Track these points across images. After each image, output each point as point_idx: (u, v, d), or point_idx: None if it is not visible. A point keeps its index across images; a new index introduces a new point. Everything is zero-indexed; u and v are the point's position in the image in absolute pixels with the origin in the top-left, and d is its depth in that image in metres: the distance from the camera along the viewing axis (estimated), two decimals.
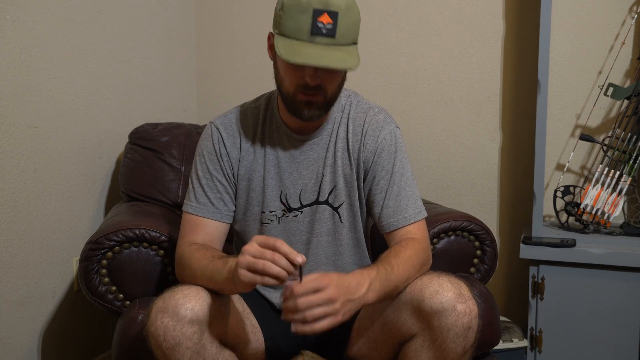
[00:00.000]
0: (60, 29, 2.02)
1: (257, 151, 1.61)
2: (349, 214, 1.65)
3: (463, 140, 2.50)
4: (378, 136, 1.60)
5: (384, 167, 1.60)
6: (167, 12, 2.56)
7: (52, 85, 2.00)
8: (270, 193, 1.61)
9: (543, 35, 2.16)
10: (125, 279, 1.71)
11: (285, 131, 1.60)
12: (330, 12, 1.39)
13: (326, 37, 1.40)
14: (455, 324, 1.38)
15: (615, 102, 2.31)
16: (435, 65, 2.51)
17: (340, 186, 1.62)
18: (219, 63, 2.73)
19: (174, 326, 1.34)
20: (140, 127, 2.20)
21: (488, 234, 1.93)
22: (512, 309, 2.49)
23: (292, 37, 1.40)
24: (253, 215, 1.63)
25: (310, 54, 1.38)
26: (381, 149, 1.60)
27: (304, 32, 1.39)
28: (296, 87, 1.46)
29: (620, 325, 2.12)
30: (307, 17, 1.39)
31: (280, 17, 1.43)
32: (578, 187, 2.31)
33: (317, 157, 1.61)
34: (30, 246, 1.95)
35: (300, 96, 1.47)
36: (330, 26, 1.39)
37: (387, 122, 1.63)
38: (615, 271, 2.11)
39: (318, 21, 1.38)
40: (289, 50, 1.39)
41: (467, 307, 1.39)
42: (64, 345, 2.12)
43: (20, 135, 1.89)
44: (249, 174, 1.61)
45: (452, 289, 1.40)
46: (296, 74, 1.45)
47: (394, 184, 1.60)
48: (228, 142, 1.60)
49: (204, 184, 1.60)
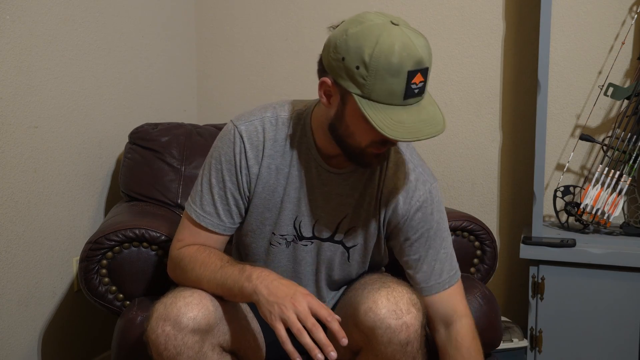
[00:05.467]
0: (60, 29, 2.02)
1: (281, 170, 1.49)
2: (359, 255, 1.58)
3: (463, 140, 2.50)
4: (412, 198, 1.50)
5: (418, 230, 1.51)
6: (167, 12, 2.56)
7: (52, 85, 1.99)
8: (285, 217, 1.51)
9: (543, 35, 2.16)
10: (125, 279, 1.71)
11: (315, 157, 1.48)
12: (423, 69, 1.28)
13: (417, 97, 1.30)
14: (391, 341, 1.36)
15: (615, 102, 2.31)
16: (435, 65, 2.49)
17: (359, 229, 1.54)
18: (219, 63, 2.73)
19: (175, 335, 1.33)
20: (140, 127, 2.20)
21: (488, 234, 1.93)
22: (512, 309, 2.48)
23: (382, 102, 1.28)
24: (263, 235, 1.55)
25: (408, 124, 1.28)
26: (415, 213, 1.50)
27: (398, 96, 1.28)
28: (371, 143, 1.36)
29: (620, 325, 2.12)
30: (400, 81, 1.26)
31: (362, 78, 1.27)
32: (578, 187, 2.31)
33: (340, 194, 1.51)
34: (30, 246, 1.95)
35: (372, 150, 1.38)
36: (422, 84, 1.30)
37: (422, 180, 1.52)
38: (615, 271, 2.11)
39: (412, 83, 1.27)
40: (384, 120, 1.27)
41: (402, 322, 1.35)
42: (64, 345, 2.12)
43: (20, 135, 1.89)
44: (267, 193, 1.50)
45: (386, 305, 1.36)
46: (379, 135, 1.31)
47: (429, 247, 1.52)
48: (250, 155, 1.47)
49: (214, 193, 1.49)
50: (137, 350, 1.53)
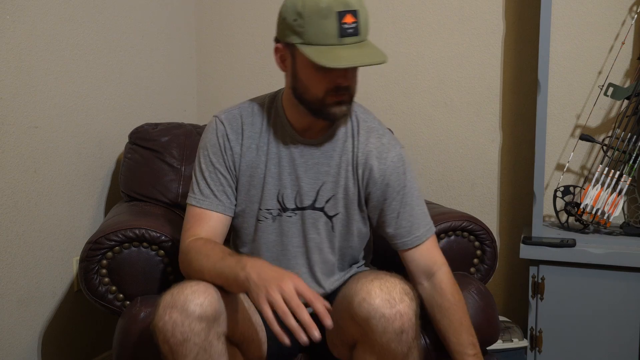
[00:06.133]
0: (60, 29, 2.02)
1: (260, 148, 1.62)
2: (342, 225, 1.66)
3: (463, 140, 2.50)
4: (386, 158, 1.63)
5: (394, 188, 1.63)
6: (167, 12, 2.56)
7: (52, 85, 2.00)
8: (269, 191, 1.62)
9: (543, 35, 2.16)
10: (125, 279, 1.71)
11: (290, 132, 1.61)
12: (352, 11, 1.42)
13: (352, 36, 1.42)
14: (386, 330, 1.38)
15: (615, 102, 2.31)
16: (435, 65, 2.51)
17: (340, 197, 1.64)
18: (219, 63, 2.73)
19: (183, 321, 1.34)
20: (140, 127, 2.20)
21: (488, 234, 1.93)
22: (512, 309, 2.49)
23: (320, 44, 1.42)
24: (251, 212, 1.64)
25: (345, 56, 1.41)
26: (390, 172, 1.62)
27: (333, 36, 1.41)
28: (326, 91, 1.48)
29: (620, 325, 2.12)
30: (332, 21, 1.41)
31: (300, 27, 1.43)
32: (578, 187, 2.31)
33: (317, 163, 1.62)
34: (30, 246, 1.95)
35: (330, 98, 1.49)
36: (354, 25, 1.42)
37: (392, 144, 1.65)
38: (615, 271, 2.11)
39: (343, 23, 1.41)
40: (324, 56, 1.41)
41: (396, 311, 1.38)
42: (64, 345, 2.12)
43: (20, 135, 1.89)
44: (251, 170, 1.62)
45: (379, 295, 1.39)
46: (326, 79, 1.46)
47: (405, 204, 1.63)
48: (232, 137, 1.61)
49: (207, 177, 1.60)
50: (139, 349, 1.53)
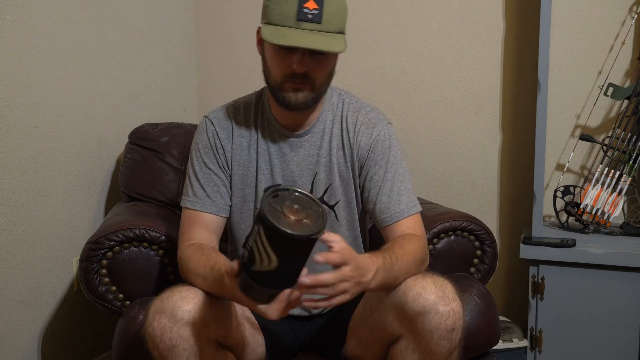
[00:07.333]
0: (60, 29, 2.02)
1: (251, 146, 1.62)
2: (346, 212, 1.66)
3: (463, 140, 2.50)
4: (372, 133, 1.61)
5: (377, 162, 1.60)
6: (167, 12, 2.56)
7: (52, 85, 2.00)
8: (262, 189, 1.60)
9: (543, 35, 2.16)
10: (125, 279, 1.71)
11: (277, 127, 1.61)
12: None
13: (312, 22, 1.41)
14: (438, 327, 1.37)
15: (615, 102, 2.31)
16: (435, 65, 2.51)
17: (336, 184, 1.63)
18: (219, 63, 2.73)
19: (171, 328, 1.34)
20: (140, 127, 2.20)
21: (488, 234, 1.93)
22: (512, 309, 2.49)
23: (278, 24, 1.42)
24: (248, 212, 1.64)
25: (296, 37, 1.40)
26: (374, 145, 1.61)
27: (290, 17, 1.41)
28: (283, 76, 1.48)
29: (621, 325, 2.12)
30: (292, 3, 1.41)
31: (267, 7, 1.45)
32: (578, 187, 2.31)
33: (308, 155, 1.62)
34: (30, 246, 1.95)
35: (287, 85, 1.48)
36: (316, 12, 1.41)
37: (380, 119, 1.64)
38: (616, 271, 2.11)
39: (303, 7, 1.40)
40: (276, 34, 1.41)
41: (450, 308, 1.38)
42: (64, 345, 2.12)
43: (20, 135, 1.89)
44: (243, 169, 1.62)
45: (435, 291, 1.38)
46: (283, 62, 1.46)
47: (387, 179, 1.60)
48: (222, 136, 1.61)
49: (200, 178, 1.60)
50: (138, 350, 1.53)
